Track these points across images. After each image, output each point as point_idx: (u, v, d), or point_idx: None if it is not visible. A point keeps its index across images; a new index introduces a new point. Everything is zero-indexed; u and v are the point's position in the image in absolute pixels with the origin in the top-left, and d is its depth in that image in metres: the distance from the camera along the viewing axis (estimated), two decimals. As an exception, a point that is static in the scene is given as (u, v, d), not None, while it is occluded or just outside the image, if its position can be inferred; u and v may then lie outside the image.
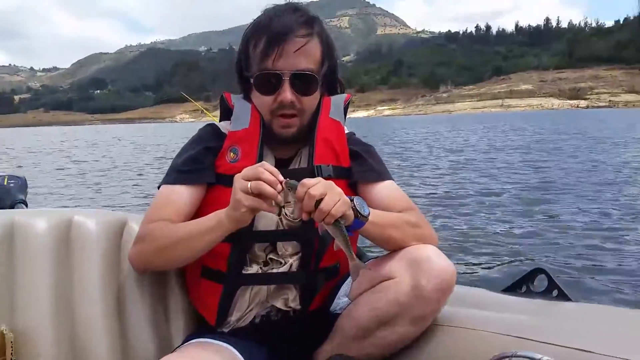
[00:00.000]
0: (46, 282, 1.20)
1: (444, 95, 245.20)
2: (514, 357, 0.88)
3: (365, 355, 1.24)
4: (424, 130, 33.91)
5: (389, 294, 1.17)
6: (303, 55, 1.20)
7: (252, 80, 1.24)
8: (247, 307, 1.27)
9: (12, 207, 1.82)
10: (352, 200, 1.11)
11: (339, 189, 1.08)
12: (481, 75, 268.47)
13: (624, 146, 14.91)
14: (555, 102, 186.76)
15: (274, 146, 1.31)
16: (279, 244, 1.27)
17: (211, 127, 1.37)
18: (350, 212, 1.09)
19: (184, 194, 1.24)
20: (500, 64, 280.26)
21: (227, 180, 1.20)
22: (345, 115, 1.39)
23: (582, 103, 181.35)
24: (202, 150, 1.28)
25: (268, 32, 1.20)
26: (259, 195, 1.02)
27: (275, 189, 1.02)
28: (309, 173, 1.23)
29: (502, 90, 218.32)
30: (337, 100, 1.36)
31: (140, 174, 12.03)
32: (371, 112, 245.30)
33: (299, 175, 1.14)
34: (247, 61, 1.26)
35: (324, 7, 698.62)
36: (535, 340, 1.07)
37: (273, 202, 1.04)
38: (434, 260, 1.14)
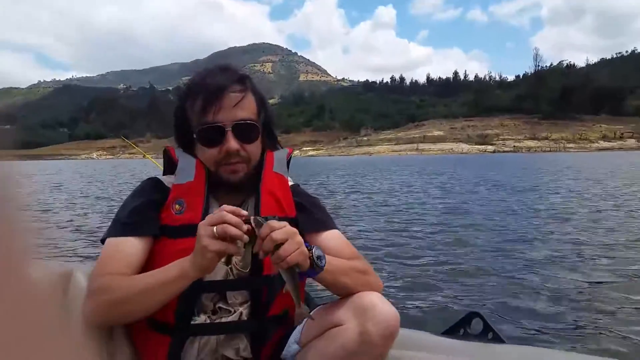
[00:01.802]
0: None
1: (365, 138, 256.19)
2: None
3: None
4: (347, 173, 32.06)
5: (337, 341, 1.19)
6: (240, 108, 1.26)
7: (195, 135, 1.28)
8: (196, 357, 1.26)
9: None
10: (310, 250, 1.14)
11: (300, 238, 1.11)
12: (397, 121, 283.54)
13: (553, 190, 14.66)
14: (465, 147, 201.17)
15: (219, 196, 1.34)
16: (229, 293, 1.28)
17: (153, 180, 1.37)
18: (307, 262, 1.12)
19: (132, 246, 1.22)
20: (414, 112, 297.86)
21: (172, 232, 1.24)
22: (288, 168, 1.45)
23: (490, 148, 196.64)
24: (146, 203, 1.28)
25: (204, 90, 1.26)
26: (225, 238, 1.05)
27: (240, 229, 1.05)
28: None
29: (417, 135, 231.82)
30: (280, 155, 1.43)
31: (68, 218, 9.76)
32: (296, 152, 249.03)
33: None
34: (186, 119, 1.32)
35: (249, 51, 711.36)
36: None
37: (239, 243, 1.07)
38: (379, 306, 1.17)
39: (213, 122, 1.25)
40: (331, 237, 1.36)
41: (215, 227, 1.05)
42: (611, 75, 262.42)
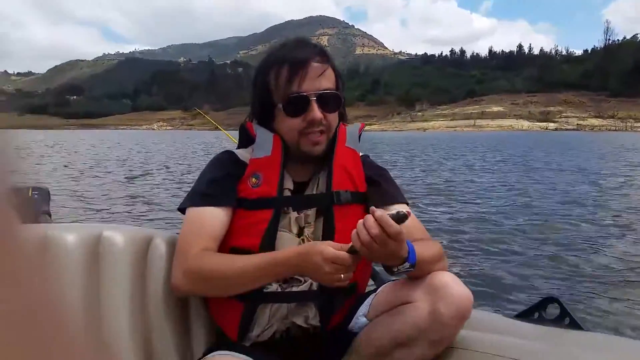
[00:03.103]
0: (75, 295, 1.23)
1: (419, 113, 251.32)
2: None
3: None
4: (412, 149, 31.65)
5: (407, 318, 1.20)
6: (324, 78, 1.31)
7: (280, 106, 1.31)
8: (267, 323, 1.31)
9: (36, 218, 1.82)
10: (407, 258, 1.15)
11: (404, 253, 1.14)
12: (455, 96, 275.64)
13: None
14: (525, 124, 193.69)
15: (292, 169, 1.38)
16: None
17: (229, 153, 1.42)
18: (397, 263, 1.16)
19: (214, 217, 1.28)
20: (474, 87, 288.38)
21: (248, 204, 1.30)
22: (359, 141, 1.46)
23: (551, 125, 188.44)
24: (224, 175, 1.34)
25: (289, 60, 1.30)
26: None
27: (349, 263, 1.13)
28: (328, 198, 1.33)
29: (475, 111, 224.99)
30: (352, 129, 1.44)
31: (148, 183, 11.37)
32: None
33: (318, 200, 1.34)
34: (268, 91, 1.34)
35: (305, 25, 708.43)
36: None
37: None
38: (452, 287, 1.17)
39: (298, 92, 1.28)
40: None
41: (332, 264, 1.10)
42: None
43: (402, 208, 1.31)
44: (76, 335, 0.24)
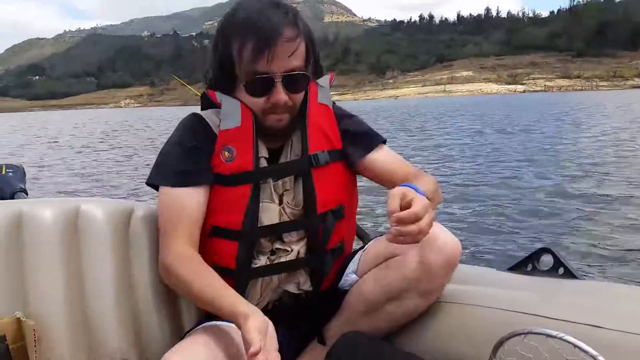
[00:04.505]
0: (57, 272, 1.20)
1: (390, 81, 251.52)
2: (530, 334, 0.86)
3: (374, 329, 1.27)
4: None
5: (396, 270, 1.20)
6: (293, 56, 1.19)
7: (242, 84, 1.21)
8: (259, 296, 1.29)
9: (12, 196, 1.82)
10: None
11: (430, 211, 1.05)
12: (425, 62, 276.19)
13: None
14: (494, 87, 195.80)
15: (264, 138, 1.29)
16: (284, 234, 1.28)
17: (198, 118, 1.31)
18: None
19: (194, 199, 1.22)
20: (443, 52, 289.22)
21: (225, 180, 1.23)
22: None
23: (520, 88, 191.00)
24: (196, 147, 1.25)
25: (256, 33, 1.15)
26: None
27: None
28: (306, 162, 1.26)
29: (445, 76, 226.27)
30: (323, 82, 1.35)
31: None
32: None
33: (296, 167, 1.26)
34: (230, 62, 1.22)
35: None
36: (544, 317, 1.08)
37: None
38: (440, 237, 1.16)
39: (263, 72, 1.17)
40: (383, 154, 1.35)
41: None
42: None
43: (383, 151, 1.33)
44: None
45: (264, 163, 1.27)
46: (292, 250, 1.28)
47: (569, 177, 6.96)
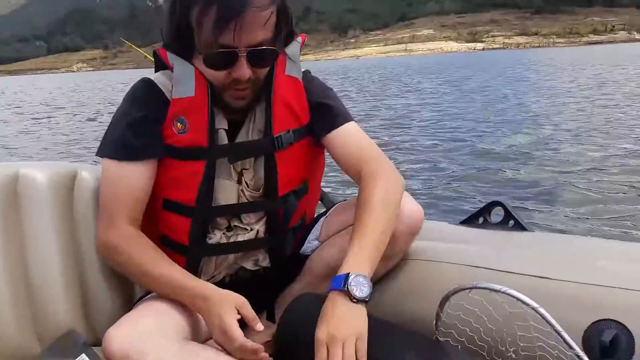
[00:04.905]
0: None
1: (352, 40, 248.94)
2: (474, 288, 0.88)
3: None
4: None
5: None
6: (261, 28, 1.02)
7: (200, 56, 1.07)
8: (214, 270, 1.24)
9: None
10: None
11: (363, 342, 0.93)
12: (387, 22, 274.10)
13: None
14: (455, 45, 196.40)
15: (223, 109, 1.16)
16: (243, 214, 1.21)
17: (149, 84, 1.17)
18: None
19: (141, 174, 1.13)
20: (405, 10, 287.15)
21: (176, 153, 1.13)
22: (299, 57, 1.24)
23: (479, 46, 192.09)
24: (145, 117, 1.13)
25: (220, 2, 0.98)
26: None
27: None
28: (268, 143, 1.15)
29: (406, 35, 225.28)
30: (292, 51, 1.20)
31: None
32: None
33: (257, 148, 1.16)
34: (189, 27, 1.06)
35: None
36: (493, 269, 1.10)
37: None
38: (404, 203, 1.14)
39: (227, 45, 1.01)
40: (347, 133, 1.22)
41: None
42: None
43: (350, 128, 1.22)
44: None
45: (223, 135, 1.15)
46: (250, 230, 1.22)
47: (522, 133, 7.14)
